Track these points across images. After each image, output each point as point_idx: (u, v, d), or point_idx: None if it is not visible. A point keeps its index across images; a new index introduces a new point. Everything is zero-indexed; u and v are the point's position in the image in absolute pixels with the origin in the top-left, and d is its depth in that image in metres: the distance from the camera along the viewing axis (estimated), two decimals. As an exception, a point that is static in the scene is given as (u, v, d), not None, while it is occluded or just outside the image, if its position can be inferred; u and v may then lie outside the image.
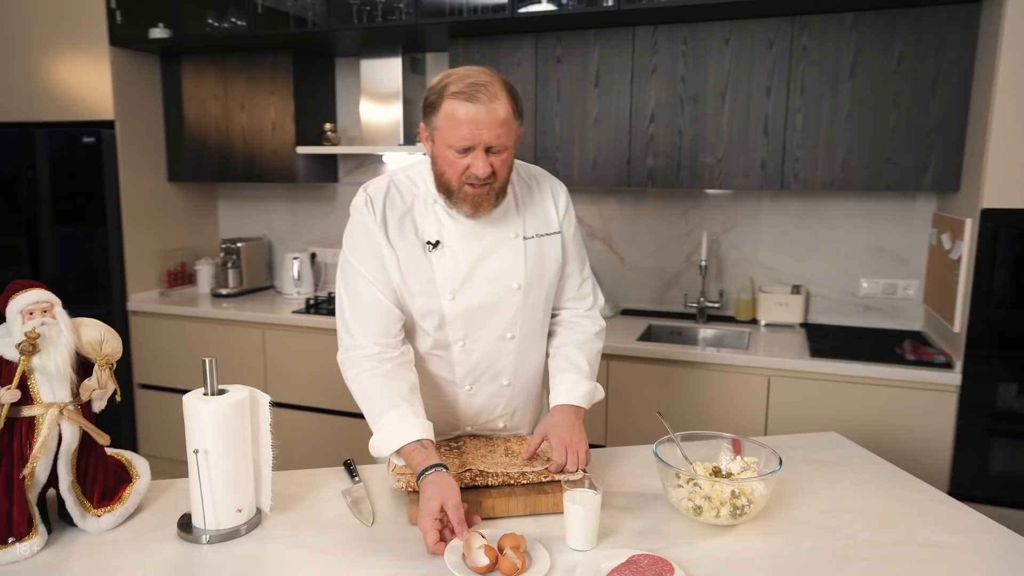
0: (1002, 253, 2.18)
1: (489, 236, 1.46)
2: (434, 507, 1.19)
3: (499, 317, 1.48)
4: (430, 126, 1.36)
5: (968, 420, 2.26)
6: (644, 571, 1.09)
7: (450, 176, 1.36)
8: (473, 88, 1.30)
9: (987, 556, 1.18)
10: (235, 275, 3.54)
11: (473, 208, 1.39)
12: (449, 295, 1.44)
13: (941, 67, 2.39)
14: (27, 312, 1.17)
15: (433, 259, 1.44)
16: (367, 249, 1.43)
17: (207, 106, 3.42)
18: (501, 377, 1.54)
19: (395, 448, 1.32)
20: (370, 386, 1.38)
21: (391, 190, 1.46)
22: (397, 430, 1.32)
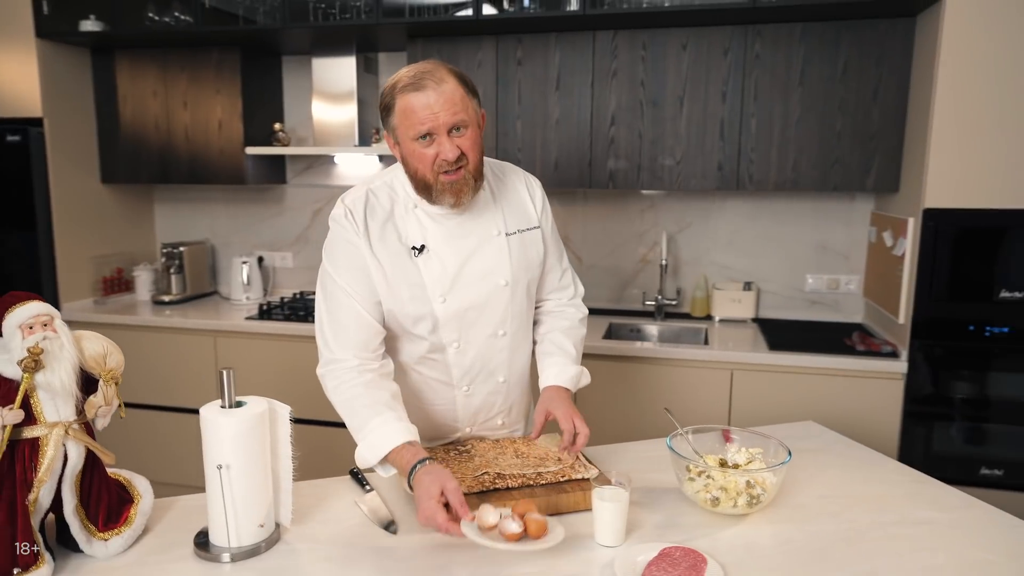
0: (942, 249, 2.35)
1: (473, 235, 1.48)
2: (435, 491, 1.19)
3: (490, 315, 1.50)
4: (390, 127, 1.39)
5: (913, 405, 2.43)
6: (679, 563, 1.13)
7: (423, 170, 1.37)
8: (419, 77, 1.32)
9: (974, 530, 1.29)
10: (178, 281, 3.39)
11: (455, 196, 1.39)
12: (440, 297, 1.45)
13: (881, 76, 2.56)
14: (26, 326, 1.10)
15: (420, 264, 1.44)
16: (348, 262, 1.43)
17: (145, 104, 3.26)
18: (496, 375, 1.56)
19: (383, 454, 1.31)
20: (352, 396, 1.38)
21: (370, 199, 1.46)
22: (382, 435, 1.32)
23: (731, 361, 2.54)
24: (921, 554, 1.20)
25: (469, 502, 1.29)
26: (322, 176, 3.47)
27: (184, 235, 3.65)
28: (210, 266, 3.61)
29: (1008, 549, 1.22)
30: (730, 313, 2.99)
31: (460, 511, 1.18)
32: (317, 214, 3.49)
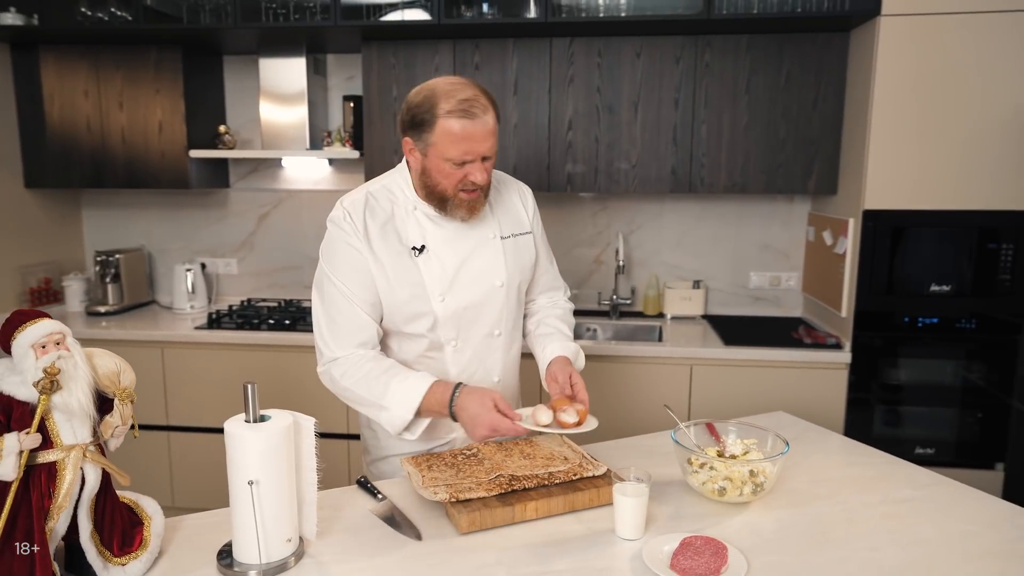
0: (880, 247, 2.54)
1: (470, 238, 1.53)
2: (489, 403, 1.36)
3: (486, 315, 1.56)
4: (423, 142, 1.41)
5: (856, 392, 2.61)
6: (702, 551, 1.19)
7: (445, 186, 1.44)
8: (466, 104, 1.37)
9: (949, 504, 1.41)
10: (115, 290, 3.22)
11: (469, 212, 1.48)
12: (439, 297, 1.50)
13: (820, 86, 2.74)
14: (39, 346, 1.05)
15: (420, 263, 1.49)
16: (347, 264, 1.47)
17: (76, 104, 3.08)
18: (492, 374, 1.62)
19: (416, 403, 1.40)
20: (362, 374, 1.45)
21: (370, 200, 1.50)
22: (409, 388, 1.41)
23: (691, 357, 2.65)
24: (911, 529, 1.31)
25: (489, 504, 1.31)
26: (268, 180, 3.37)
27: (117, 242, 3.47)
28: (147, 274, 3.44)
29: (983, 519, 1.35)
30: (681, 310, 3.12)
31: (511, 415, 1.36)
32: (264, 219, 3.39)
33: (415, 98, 1.42)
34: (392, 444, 1.63)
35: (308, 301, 3.32)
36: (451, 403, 1.37)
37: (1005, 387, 2.56)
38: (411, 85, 2.86)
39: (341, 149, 3.04)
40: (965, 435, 2.62)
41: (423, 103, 1.40)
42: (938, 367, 2.62)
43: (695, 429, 1.56)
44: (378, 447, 1.67)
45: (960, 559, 1.21)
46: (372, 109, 2.92)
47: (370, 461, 1.70)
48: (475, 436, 1.39)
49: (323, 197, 3.35)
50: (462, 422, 1.39)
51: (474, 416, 1.35)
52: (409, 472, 1.44)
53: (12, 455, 1.00)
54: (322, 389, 2.78)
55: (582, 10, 2.68)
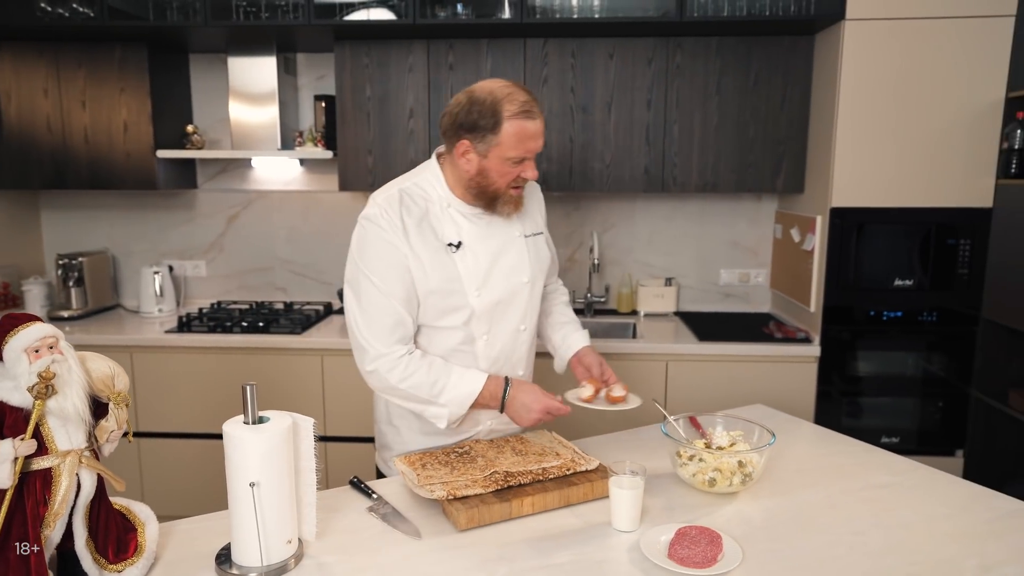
0: (846, 244, 2.62)
1: (499, 236, 1.58)
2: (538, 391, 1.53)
3: (514, 310, 1.61)
4: (485, 143, 1.45)
5: (825, 385, 2.69)
6: (698, 540, 1.22)
7: (500, 183, 1.51)
8: (527, 106, 1.46)
9: (926, 489, 1.47)
10: (78, 294, 3.13)
11: (515, 207, 1.56)
12: (475, 291, 1.54)
13: (787, 88, 2.81)
14: (32, 350, 1.02)
15: (456, 259, 1.53)
16: (382, 260, 1.48)
17: (35, 103, 2.98)
18: (516, 368, 1.66)
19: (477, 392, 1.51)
20: (417, 372, 1.50)
21: (404, 198, 1.52)
22: (469, 381, 1.52)
23: (666, 352, 2.70)
24: (893, 513, 1.36)
25: (486, 501, 1.32)
26: (238, 180, 3.32)
27: (78, 244, 3.37)
28: (111, 277, 3.35)
29: (957, 503, 1.41)
30: (654, 308, 3.17)
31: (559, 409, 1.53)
32: (233, 220, 3.34)
33: (475, 102, 1.45)
34: (415, 439, 1.65)
35: (279, 303, 3.29)
36: (504, 395, 1.53)
37: (964, 377, 2.67)
38: (385, 84, 2.86)
39: (313, 149, 3.01)
40: (927, 424, 2.73)
41: (485, 107, 1.43)
42: (901, 359, 2.71)
43: (679, 422, 1.60)
44: (400, 442, 1.68)
45: (940, 540, 1.27)
46: (345, 109, 2.90)
47: (389, 457, 1.71)
48: (527, 421, 1.52)
49: (294, 198, 3.31)
50: (514, 410, 1.53)
51: (527, 404, 1.50)
52: (403, 471, 1.44)
53: (7, 462, 0.97)
54: (297, 391, 2.77)
55: (556, 11, 2.70)
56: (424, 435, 1.64)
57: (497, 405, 1.54)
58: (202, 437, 2.84)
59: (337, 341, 2.76)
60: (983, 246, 2.58)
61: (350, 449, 2.81)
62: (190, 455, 2.85)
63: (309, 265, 3.35)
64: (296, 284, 3.37)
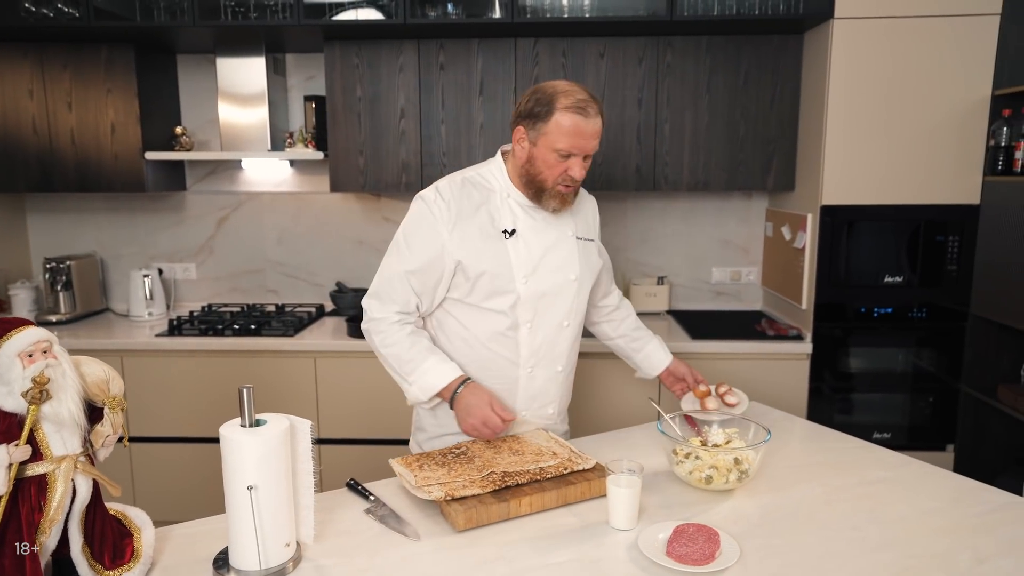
0: (837, 241, 2.64)
1: (552, 231, 1.64)
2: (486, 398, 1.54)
3: (559, 305, 1.65)
4: (535, 131, 1.54)
5: (817, 381, 2.71)
6: (695, 537, 1.22)
7: (546, 176, 1.55)
8: (582, 103, 1.51)
9: (918, 483, 1.49)
10: (67, 298, 3.11)
11: (561, 203, 1.60)
12: (523, 279, 1.59)
13: (777, 86, 2.82)
14: (26, 355, 1.01)
15: (509, 246, 1.60)
16: (421, 239, 1.59)
17: (20, 104, 2.95)
18: (556, 363, 1.70)
19: (442, 386, 1.56)
20: (398, 344, 1.59)
21: (465, 185, 1.62)
22: (440, 373, 1.57)
23: (659, 351, 2.70)
24: (888, 508, 1.37)
25: (484, 501, 1.32)
26: (227, 182, 3.30)
27: (66, 248, 3.34)
28: (100, 281, 3.32)
29: (949, 496, 1.42)
30: (646, 306, 3.17)
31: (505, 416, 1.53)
32: (223, 222, 3.32)
33: (536, 93, 1.54)
34: (451, 423, 1.67)
35: (271, 305, 3.28)
36: (456, 391, 1.55)
37: (954, 372, 2.69)
38: (375, 85, 2.85)
39: (304, 150, 3.00)
40: (918, 419, 2.75)
41: (543, 97, 1.52)
42: (892, 355, 2.74)
43: (676, 421, 1.61)
44: (436, 425, 1.72)
45: (935, 534, 1.28)
46: (336, 109, 2.89)
47: (424, 440, 1.76)
48: (464, 425, 1.55)
49: (285, 199, 3.29)
50: (457, 409, 1.56)
51: (469, 406, 1.52)
52: (401, 472, 1.43)
53: (1, 468, 0.96)
54: (291, 393, 2.76)
55: (546, 11, 2.70)
56: None
57: (448, 399, 1.59)
58: (195, 441, 2.82)
59: (330, 343, 2.75)
60: (971, 242, 2.60)
61: (345, 451, 2.80)
62: (183, 459, 2.83)
63: (301, 267, 3.34)
64: (288, 286, 3.36)
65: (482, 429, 1.53)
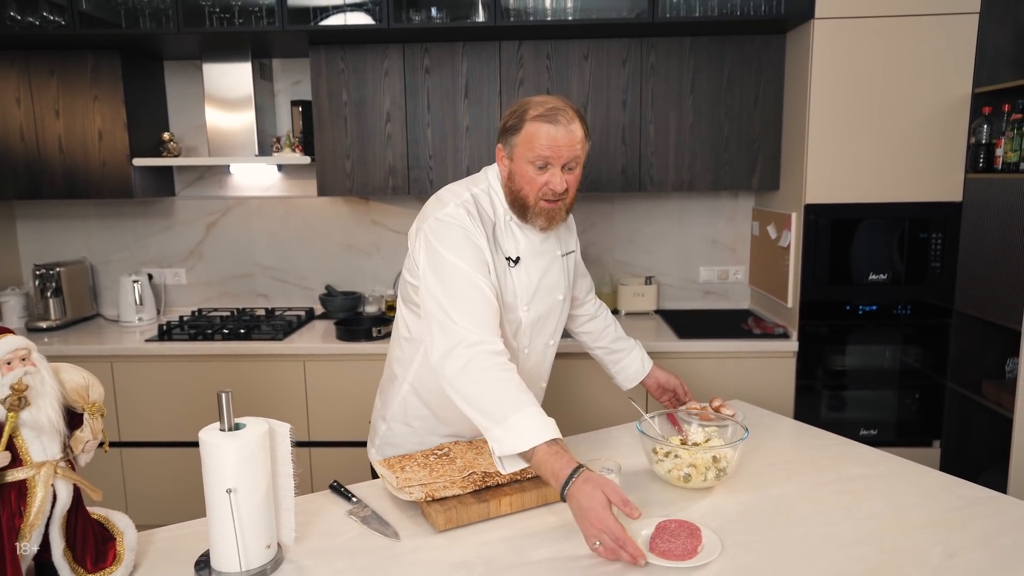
0: (821, 240, 2.66)
1: (546, 254, 1.62)
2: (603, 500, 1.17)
3: (549, 325, 1.66)
4: (509, 145, 1.49)
5: (804, 379, 2.73)
6: (677, 533, 1.24)
7: (527, 192, 1.50)
8: (554, 112, 1.46)
9: (897, 480, 1.50)
10: (57, 304, 3.11)
11: (547, 222, 1.53)
12: (525, 306, 1.57)
13: (760, 86, 2.85)
14: (3, 362, 1.02)
15: (513, 274, 1.56)
16: (473, 253, 1.47)
17: (8, 112, 2.96)
18: (541, 380, 1.72)
19: (541, 441, 1.25)
20: (504, 379, 1.33)
21: (479, 207, 1.54)
22: (540, 424, 1.27)
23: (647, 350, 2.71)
24: (865, 504, 1.39)
25: (464, 502, 1.34)
26: (216, 187, 3.31)
27: (55, 255, 3.35)
28: (90, 287, 3.33)
29: (928, 492, 1.44)
30: (634, 306, 3.19)
31: (627, 511, 1.17)
32: (212, 227, 3.33)
33: (512, 108, 1.52)
34: (432, 440, 1.67)
35: (261, 309, 3.28)
36: (565, 484, 1.22)
37: (939, 369, 2.71)
38: (361, 89, 2.87)
39: (291, 155, 3.01)
40: (904, 415, 2.77)
41: (515, 111, 1.50)
42: (878, 352, 2.76)
43: (657, 420, 1.62)
44: (417, 443, 1.69)
45: (908, 529, 1.29)
46: (322, 114, 2.90)
47: None
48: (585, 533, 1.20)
49: (273, 203, 3.30)
50: (572, 511, 1.22)
51: (585, 510, 1.18)
52: (383, 474, 1.45)
53: (-20, 475, 0.98)
54: (280, 397, 2.77)
55: (530, 13, 2.72)
56: (441, 437, 1.67)
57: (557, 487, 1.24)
58: (185, 446, 2.83)
59: (320, 346, 2.76)
60: (954, 239, 2.63)
61: (335, 454, 2.81)
62: (173, 464, 2.84)
63: (290, 271, 3.35)
64: (277, 290, 3.37)
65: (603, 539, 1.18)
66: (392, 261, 3.30)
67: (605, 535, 1.16)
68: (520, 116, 1.48)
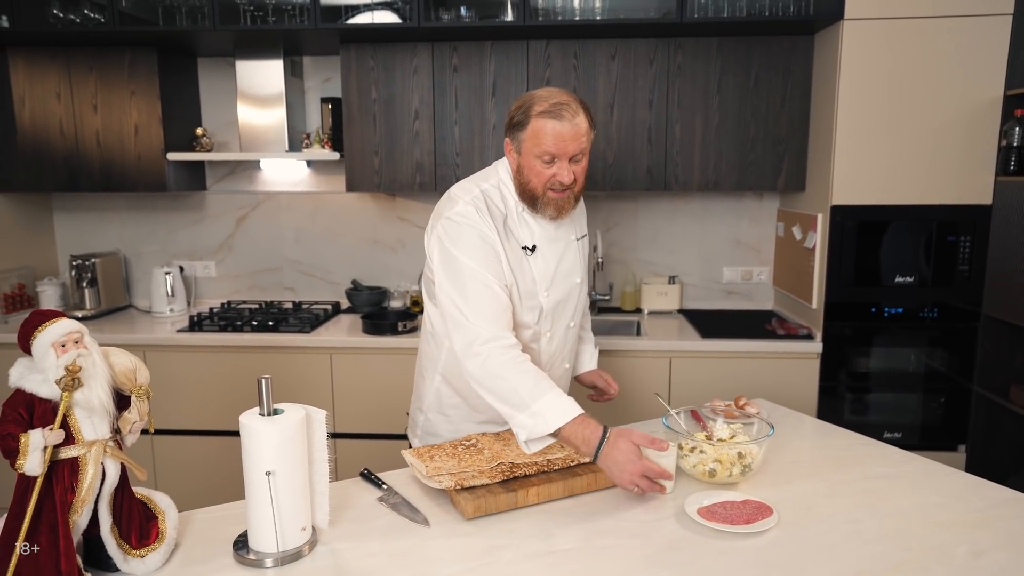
0: (847, 241, 2.65)
1: (561, 239, 1.67)
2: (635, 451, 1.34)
3: (569, 308, 1.71)
4: (517, 140, 1.54)
5: (827, 381, 2.73)
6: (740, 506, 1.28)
7: (535, 184, 1.55)
8: (558, 107, 1.49)
9: (922, 479, 1.51)
10: (92, 294, 3.19)
11: (557, 211, 1.58)
12: (545, 292, 1.63)
13: (787, 87, 2.84)
14: (59, 344, 1.07)
15: (531, 261, 1.62)
16: (483, 251, 1.54)
17: (48, 107, 3.04)
18: (565, 361, 1.76)
19: (566, 421, 1.36)
20: (521, 371, 1.43)
21: (488, 201, 1.60)
22: (560, 406, 1.38)
23: (669, 350, 2.74)
24: (889, 503, 1.40)
25: (493, 491, 1.37)
26: (246, 182, 3.37)
27: (90, 246, 3.43)
28: (123, 278, 3.41)
29: (952, 493, 1.45)
30: (657, 306, 3.20)
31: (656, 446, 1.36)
32: (242, 221, 3.39)
33: (518, 103, 1.56)
34: (466, 428, 1.73)
35: (288, 302, 3.34)
36: (598, 447, 1.35)
37: (966, 373, 2.70)
38: (390, 87, 2.91)
39: (320, 151, 3.06)
40: (929, 419, 2.76)
41: (521, 106, 1.54)
42: (903, 355, 2.75)
43: (682, 415, 1.64)
44: (452, 431, 1.75)
45: (933, 528, 1.30)
46: (352, 111, 2.95)
47: None
48: (622, 483, 1.34)
49: (302, 199, 3.36)
50: (606, 468, 1.35)
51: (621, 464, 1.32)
52: (412, 463, 1.48)
53: (37, 451, 1.02)
54: (307, 389, 2.82)
55: (558, 13, 2.74)
56: (476, 424, 1.72)
57: (590, 452, 1.36)
58: (214, 434, 2.89)
59: (346, 339, 2.81)
60: (983, 243, 2.61)
61: (361, 445, 2.86)
62: (203, 452, 2.90)
63: (317, 265, 3.41)
64: (304, 284, 3.42)
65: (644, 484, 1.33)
66: (417, 257, 3.34)
67: (643, 479, 1.33)
68: (526, 112, 1.52)
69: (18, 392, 1.06)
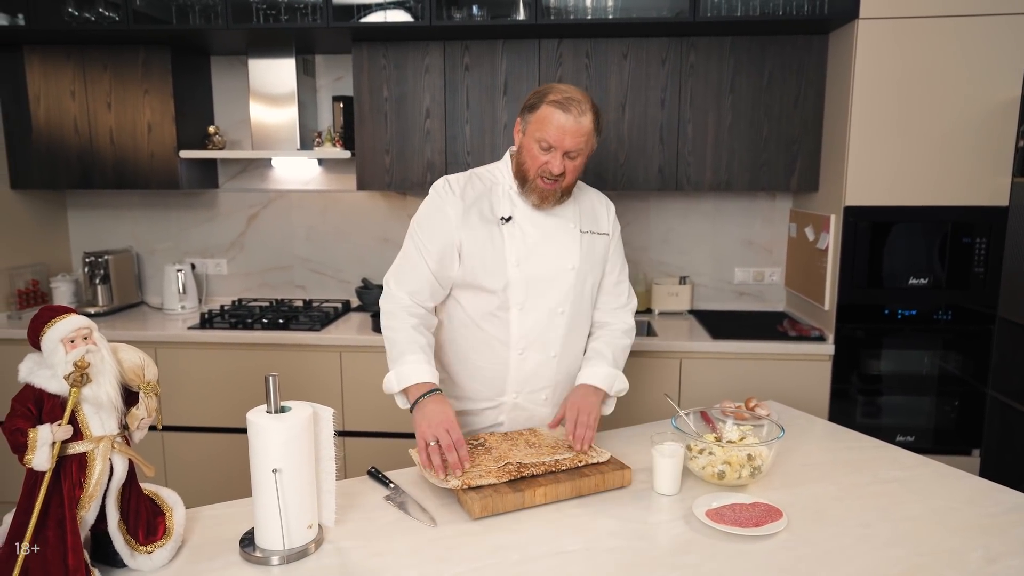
0: (860, 242, 2.63)
1: (551, 222, 1.72)
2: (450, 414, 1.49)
3: (554, 291, 1.70)
4: (526, 121, 1.64)
5: (839, 383, 2.70)
6: (750, 509, 1.27)
7: (529, 166, 1.63)
8: (568, 101, 1.57)
9: (933, 483, 1.49)
10: (104, 291, 3.21)
11: (539, 199, 1.66)
12: (515, 262, 1.65)
13: (801, 86, 2.82)
14: (68, 340, 1.07)
15: (505, 232, 1.67)
16: (432, 226, 1.67)
17: (63, 105, 3.06)
18: (549, 348, 1.72)
19: (407, 384, 1.57)
20: (398, 328, 1.64)
21: (472, 178, 1.73)
22: (413, 371, 1.57)
23: (680, 350, 2.72)
24: (900, 507, 1.38)
25: (500, 491, 1.36)
26: (257, 180, 3.39)
27: (103, 243, 3.46)
28: (135, 275, 3.43)
29: (964, 497, 1.43)
30: (668, 306, 3.19)
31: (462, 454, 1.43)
32: (253, 219, 3.40)
33: (534, 90, 1.66)
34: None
35: (299, 301, 3.35)
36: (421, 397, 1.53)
37: (980, 376, 2.66)
38: (402, 85, 2.91)
39: (332, 149, 3.07)
40: (943, 422, 2.72)
41: (539, 92, 1.63)
42: (917, 357, 2.72)
43: (692, 417, 1.63)
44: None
45: (947, 532, 1.28)
46: (363, 109, 2.95)
47: None
48: (422, 433, 1.47)
49: (313, 197, 3.37)
50: (416, 418, 1.52)
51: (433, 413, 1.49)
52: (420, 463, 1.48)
53: (46, 446, 1.03)
54: (316, 386, 2.83)
55: (570, 12, 2.73)
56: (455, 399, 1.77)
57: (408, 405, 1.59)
58: (223, 431, 2.90)
59: (356, 338, 2.81)
60: (999, 245, 2.57)
61: (369, 444, 2.86)
62: (212, 449, 2.91)
63: (327, 263, 3.41)
64: (315, 282, 3.43)
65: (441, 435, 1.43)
66: (428, 256, 3.33)
67: (447, 433, 1.43)
68: (540, 97, 1.60)
69: (27, 387, 1.07)
